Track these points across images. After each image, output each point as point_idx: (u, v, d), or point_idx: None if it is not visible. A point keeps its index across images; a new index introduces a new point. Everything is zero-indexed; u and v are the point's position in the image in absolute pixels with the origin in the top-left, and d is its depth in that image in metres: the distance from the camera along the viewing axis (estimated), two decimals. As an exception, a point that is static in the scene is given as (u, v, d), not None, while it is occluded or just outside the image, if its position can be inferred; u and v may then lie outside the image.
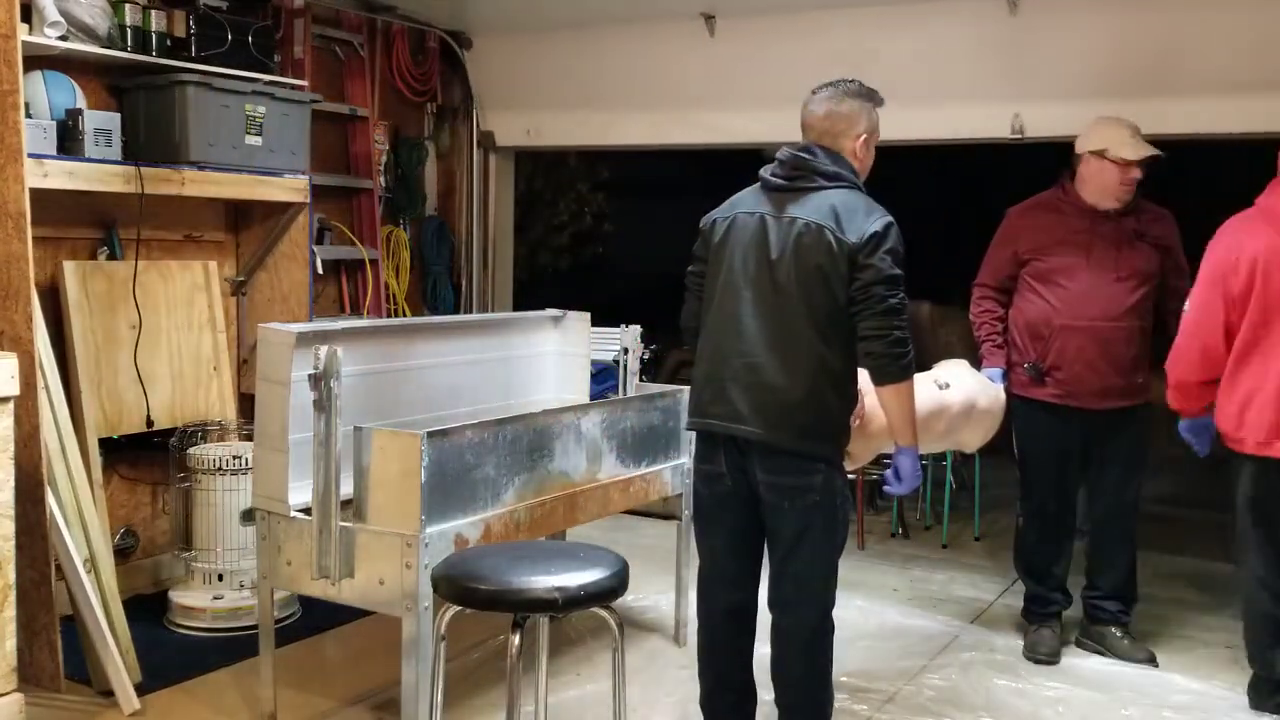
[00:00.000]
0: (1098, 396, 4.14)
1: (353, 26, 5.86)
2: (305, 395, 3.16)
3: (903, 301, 2.96)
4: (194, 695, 3.78)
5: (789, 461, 3.00)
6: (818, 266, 2.95)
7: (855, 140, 3.12)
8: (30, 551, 3.54)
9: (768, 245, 3.03)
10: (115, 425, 4.44)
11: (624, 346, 4.36)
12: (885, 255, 2.92)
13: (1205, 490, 7.50)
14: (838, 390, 3.02)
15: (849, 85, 3.14)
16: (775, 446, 3.00)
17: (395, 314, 6.09)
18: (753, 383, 3.02)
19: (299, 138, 4.78)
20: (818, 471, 3.00)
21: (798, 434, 2.99)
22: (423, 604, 3.06)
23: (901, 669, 4.15)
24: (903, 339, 2.95)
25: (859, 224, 2.94)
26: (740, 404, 3.03)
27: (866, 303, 2.93)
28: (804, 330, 2.98)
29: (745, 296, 3.05)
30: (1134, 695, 3.96)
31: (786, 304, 2.99)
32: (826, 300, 2.96)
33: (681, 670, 4.12)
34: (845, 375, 3.04)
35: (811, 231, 2.97)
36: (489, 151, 6.67)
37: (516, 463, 3.43)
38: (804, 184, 3.05)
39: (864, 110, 3.13)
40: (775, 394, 2.99)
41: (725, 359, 3.08)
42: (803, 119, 3.15)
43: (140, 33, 4.38)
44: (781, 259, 3.00)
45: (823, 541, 3.06)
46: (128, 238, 4.52)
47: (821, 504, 3.02)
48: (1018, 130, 5.11)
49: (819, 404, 2.99)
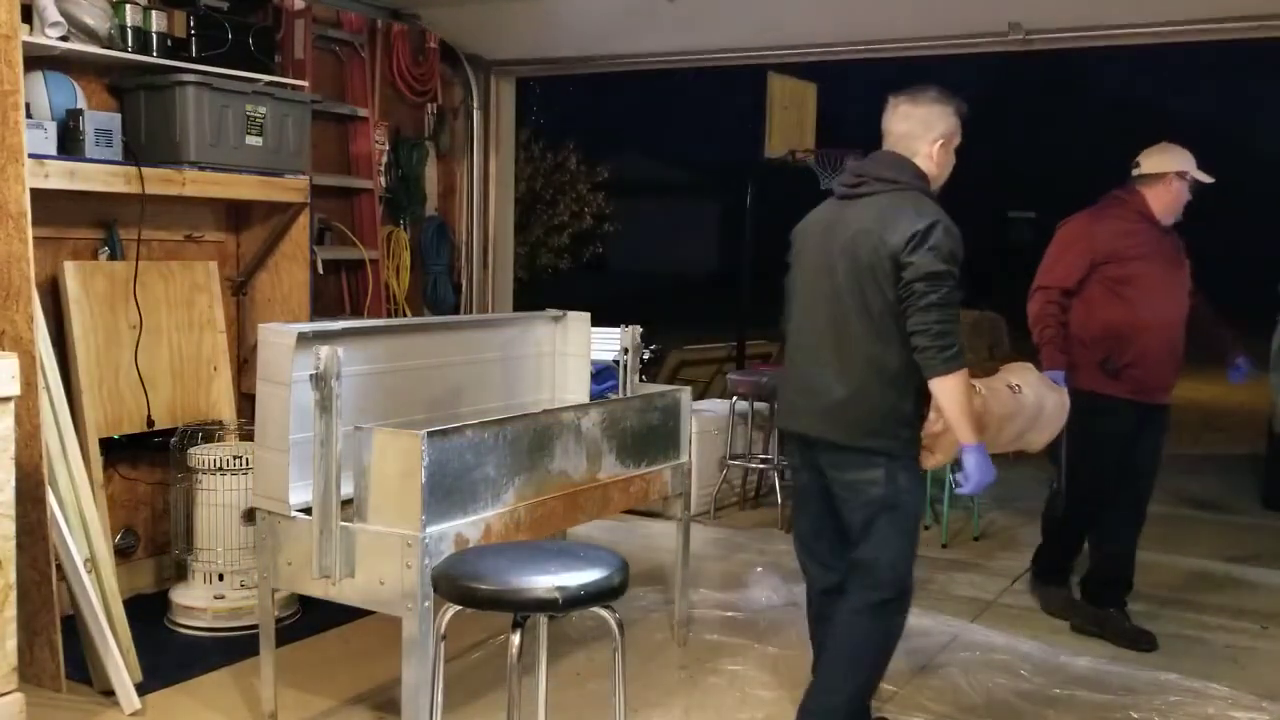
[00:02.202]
0: (1162, 392, 4.51)
1: (353, 27, 5.86)
2: (305, 395, 3.17)
3: (946, 297, 3.04)
4: (194, 695, 3.78)
5: (850, 457, 3.17)
6: (868, 268, 3.10)
7: (932, 145, 3.26)
8: (31, 551, 3.55)
9: (829, 252, 3.21)
10: (116, 425, 4.45)
11: (624, 346, 4.36)
12: (927, 252, 3.02)
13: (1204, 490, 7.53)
14: (896, 388, 3.14)
15: (927, 92, 3.29)
16: (835, 443, 3.19)
17: (395, 314, 6.09)
18: (815, 384, 3.22)
19: (299, 138, 4.78)
20: (878, 466, 3.14)
21: (855, 431, 3.15)
22: (423, 604, 3.06)
23: (901, 669, 4.15)
24: (944, 333, 3.03)
25: (902, 224, 3.07)
26: (805, 404, 3.27)
27: (910, 299, 3.05)
28: (859, 332, 3.13)
29: (812, 302, 3.27)
30: (1133, 695, 3.97)
31: (843, 307, 3.16)
32: (878, 301, 3.10)
33: (682, 670, 4.13)
34: (904, 374, 3.12)
35: (862, 235, 3.13)
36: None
37: (516, 463, 3.44)
38: (864, 190, 3.22)
39: (941, 115, 3.27)
40: (833, 394, 3.17)
41: (796, 362, 3.34)
42: (883, 125, 3.31)
43: (141, 33, 4.38)
44: (839, 264, 3.17)
45: (888, 531, 3.19)
46: (128, 238, 4.53)
47: (885, 496, 3.16)
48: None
49: (875, 402, 3.14)
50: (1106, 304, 4.44)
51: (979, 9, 5.18)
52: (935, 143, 3.25)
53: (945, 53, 5.92)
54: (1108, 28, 5.28)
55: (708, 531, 6.10)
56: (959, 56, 6.01)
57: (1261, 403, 8.13)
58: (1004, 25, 5.24)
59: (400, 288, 6.18)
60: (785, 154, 8.63)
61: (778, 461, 6.52)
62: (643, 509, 5.70)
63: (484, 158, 6.72)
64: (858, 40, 5.87)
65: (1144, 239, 4.45)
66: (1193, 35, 5.24)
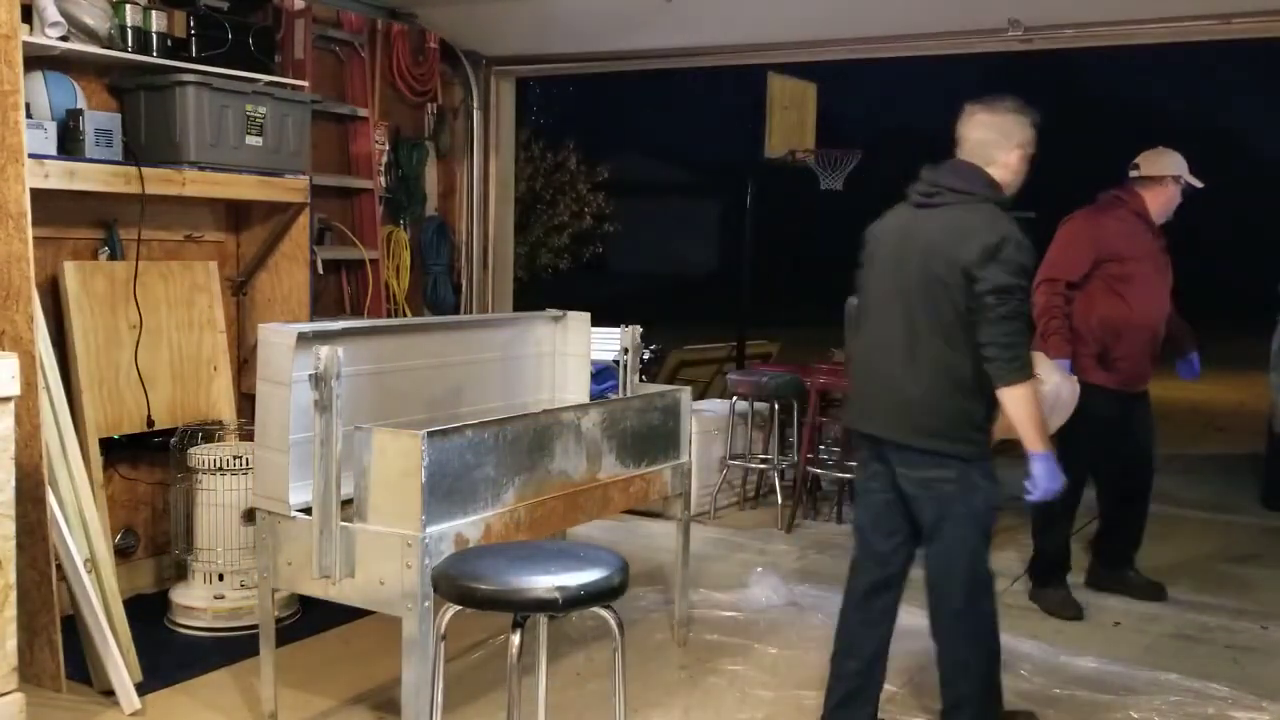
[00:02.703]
0: (1143, 382, 4.84)
1: (353, 27, 5.86)
2: (305, 395, 3.17)
3: (1015, 310, 3.15)
4: (194, 695, 3.78)
5: (920, 458, 3.27)
6: (941, 278, 3.19)
7: (1009, 154, 3.34)
8: (31, 551, 3.55)
9: (903, 259, 3.31)
10: (116, 425, 4.45)
11: (624, 346, 4.36)
12: (998, 267, 3.12)
13: (1204, 490, 7.53)
14: (967, 393, 3.24)
15: (1005, 102, 3.38)
16: (906, 445, 3.28)
17: (395, 314, 6.09)
18: (886, 387, 3.33)
19: (299, 138, 4.78)
20: (949, 466, 3.24)
21: (925, 433, 3.25)
22: (423, 604, 3.06)
23: (901, 668, 4.14)
24: (1012, 344, 3.15)
25: (975, 238, 3.16)
26: (876, 407, 3.38)
27: (980, 312, 3.15)
28: (931, 339, 3.23)
29: (883, 306, 3.36)
30: (1133, 695, 3.97)
31: (916, 314, 3.25)
32: (950, 310, 3.20)
33: (682, 670, 4.13)
34: (974, 379, 3.22)
35: (935, 246, 3.22)
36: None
37: (516, 463, 3.44)
38: (938, 200, 3.31)
39: (1019, 125, 3.35)
40: (904, 397, 3.28)
41: (867, 365, 3.44)
42: (958, 134, 3.40)
43: (141, 33, 4.38)
44: (913, 272, 3.26)
45: (961, 529, 3.28)
46: (128, 238, 4.53)
47: (957, 495, 3.25)
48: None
49: (947, 406, 3.24)
50: (1105, 300, 4.67)
51: (979, 5, 5.18)
52: (1013, 152, 3.34)
53: (945, 52, 5.93)
54: (1108, 25, 5.28)
55: (708, 531, 6.10)
56: (959, 56, 6.01)
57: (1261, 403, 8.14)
58: (1004, 21, 5.25)
59: (400, 288, 6.18)
60: (785, 154, 8.63)
61: (777, 461, 6.53)
62: (643, 509, 5.70)
63: (484, 158, 6.72)
64: (857, 38, 5.87)
65: (1141, 240, 4.73)
66: (1193, 35, 5.25)
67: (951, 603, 3.33)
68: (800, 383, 6.29)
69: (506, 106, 6.89)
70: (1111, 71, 35.33)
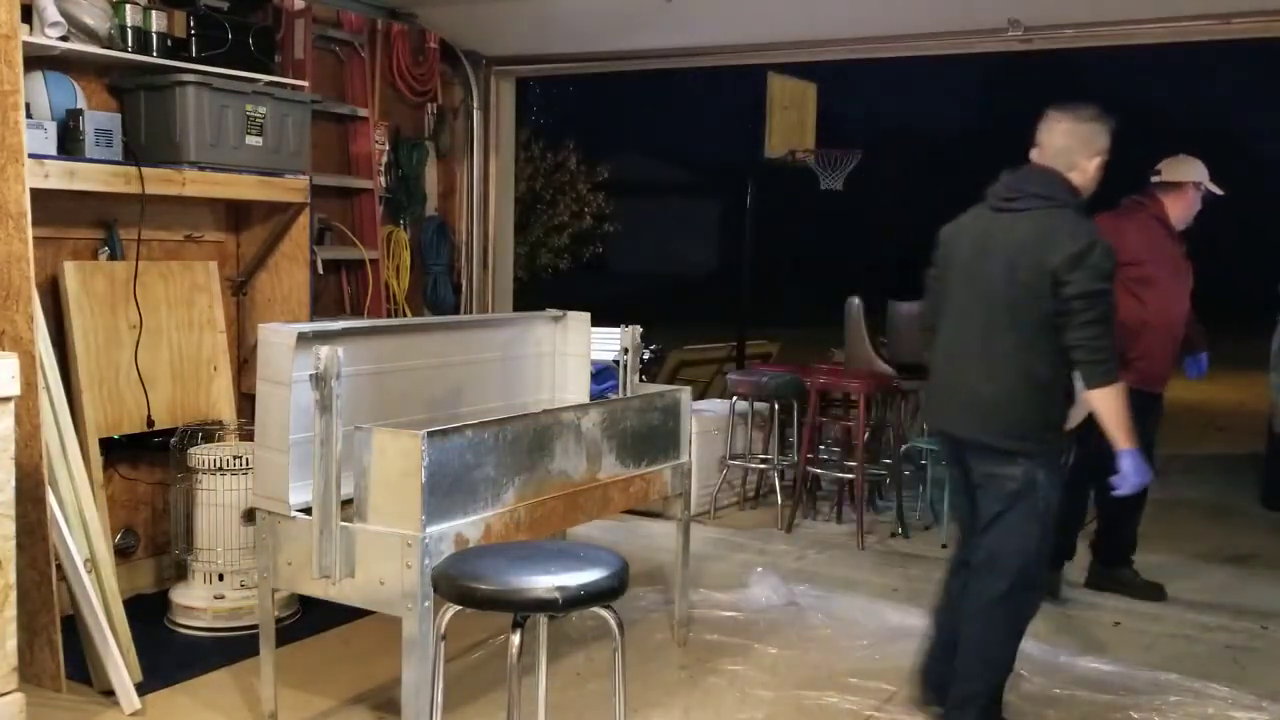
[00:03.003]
0: (1161, 383, 4.88)
1: (353, 27, 5.86)
2: (305, 395, 3.17)
3: (1103, 314, 3.25)
4: (194, 695, 3.78)
5: (991, 454, 3.40)
6: (1026, 282, 3.28)
7: (1090, 160, 3.44)
8: (31, 551, 3.55)
9: (984, 262, 3.40)
10: (116, 425, 4.45)
11: (624, 346, 4.36)
12: (1086, 272, 3.22)
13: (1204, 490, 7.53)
14: (1044, 395, 3.36)
15: (1088, 109, 3.47)
16: (979, 442, 3.42)
17: (395, 314, 6.09)
18: (963, 386, 3.46)
19: (299, 138, 4.78)
20: (1018, 464, 3.35)
21: (1002, 433, 3.37)
22: (423, 604, 3.06)
23: (901, 668, 4.15)
24: (1102, 347, 3.26)
25: (1062, 243, 3.25)
26: (953, 405, 3.52)
27: (1068, 316, 3.24)
28: (1009, 340, 3.34)
29: (962, 308, 3.47)
30: (1133, 695, 3.97)
31: (995, 316, 3.36)
32: (1031, 313, 3.29)
33: (682, 670, 4.13)
34: (1052, 381, 3.36)
35: (1020, 250, 3.31)
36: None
37: (516, 463, 3.44)
38: (1019, 205, 3.39)
39: (1100, 132, 3.46)
40: (980, 396, 3.40)
41: (946, 364, 3.55)
42: (1039, 140, 3.47)
43: (141, 33, 4.38)
44: (995, 276, 3.35)
45: (1018, 524, 3.39)
46: (128, 238, 4.53)
47: (1020, 492, 3.37)
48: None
49: (1024, 407, 3.35)
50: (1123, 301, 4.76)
51: (978, 5, 5.19)
52: (1093, 159, 3.44)
53: (945, 52, 5.93)
54: (1108, 24, 5.29)
55: (708, 531, 6.10)
56: (959, 56, 6.02)
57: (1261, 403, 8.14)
58: (1004, 21, 5.25)
59: (400, 288, 6.18)
60: (785, 154, 8.64)
61: (777, 461, 6.53)
62: (643, 509, 5.70)
63: (484, 158, 6.72)
64: (857, 38, 5.87)
65: (1161, 244, 4.81)
66: (1193, 35, 5.25)
67: (997, 587, 3.42)
68: (800, 383, 6.29)
69: (506, 106, 6.89)
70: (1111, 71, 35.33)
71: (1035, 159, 3.48)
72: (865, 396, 6.05)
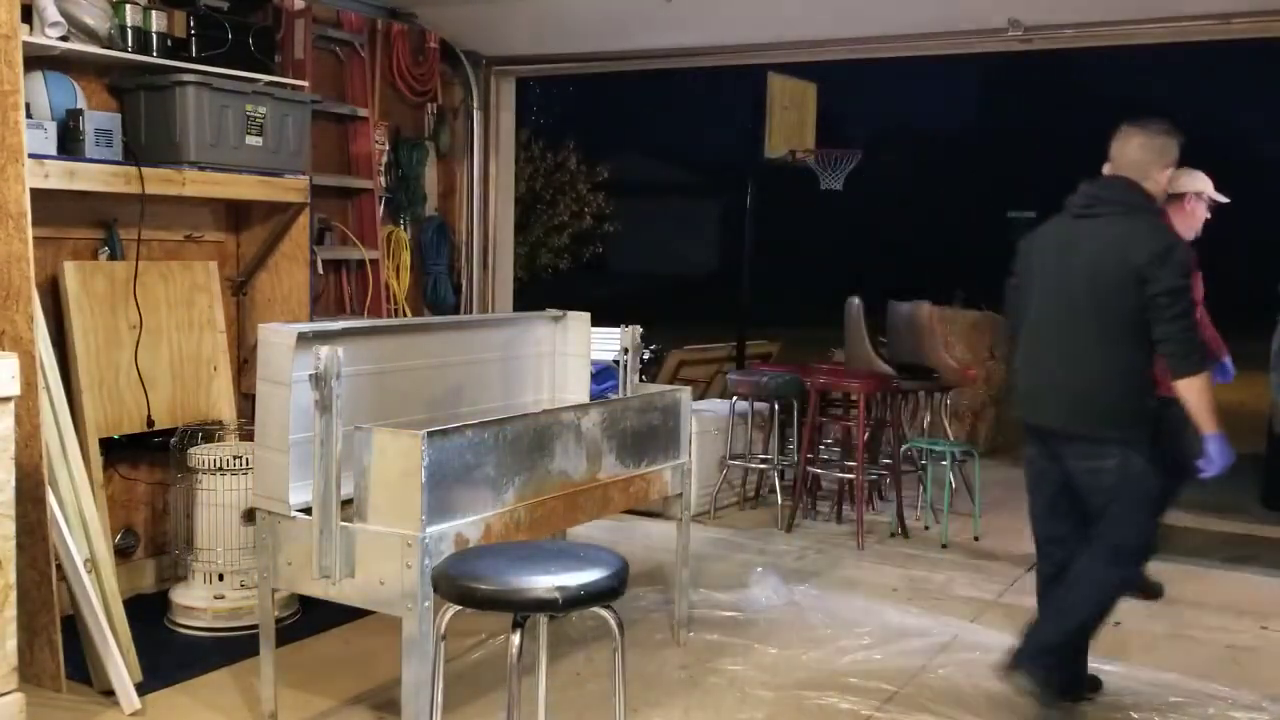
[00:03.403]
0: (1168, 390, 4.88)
1: (353, 26, 5.86)
2: (305, 395, 3.17)
3: (1187, 308, 3.48)
4: (194, 695, 3.78)
5: (1088, 446, 3.60)
6: (1112, 281, 3.51)
7: (1161, 172, 3.67)
8: (31, 551, 3.55)
9: (1069, 265, 3.63)
10: (115, 425, 4.45)
11: (624, 346, 4.36)
12: (1168, 270, 3.45)
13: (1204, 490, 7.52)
14: (1133, 386, 3.57)
15: (1160, 124, 3.69)
16: (1075, 435, 3.61)
17: (395, 314, 6.09)
18: (1055, 382, 3.66)
19: (299, 138, 4.78)
20: (1114, 455, 3.56)
21: (1097, 423, 3.58)
22: (423, 604, 3.06)
23: (901, 668, 4.15)
24: (1188, 340, 3.48)
25: (1145, 244, 3.49)
26: (1046, 401, 3.70)
27: (1155, 312, 3.47)
28: (1097, 336, 3.56)
29: (1049, 308, 3.68)
30: (1134, 695, 3.97)
31: (1083, 315, 3.58)
32: (1119, 310, 3.52)
33: (681, 670, 4.13)
34: (1140, 373, 3.57)
35: (1104, 252, 3.54)
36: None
37: (516, 463, 3.44)
38: (1100, 211, 3.63)
39: (1172, 145, 3.69)
40: (1073, 391, 3.61)
41: (1035, 362, 3.75)
42: (1112, 153, 3.71)
43: (141, 33, 4.38)
44: (1080, 276, 3.58)
45: (1123, 509, 3.59)
46: (128, 238, 4.53)
47: (1120, 480, 3.57)
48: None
49: (1112, 398, 3.57)
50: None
51: (978, 5, 5.19)
52: (1165, 170, 3.67)
53: (945, 52, 5.93)
54: (1108, 24, 5.29)
55: (708, 531, 6.10)
56: (959, 56, 6.02)
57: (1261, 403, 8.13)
58: (1004, 21, 5.25)
59: (400, 288, 6.18)
60: (785, 154, 8.64)
61: (777, 461, 6.53)
62: (643, 509, 5.70)
63: (484, 158, 6.73)
64: (857, 38, 5.88)
65: None
66: (1193, 35, 5.25)
67: (1110, 569, 3.62)
68: (800, 383, 6.29)
69: (506, 106, 6.89)
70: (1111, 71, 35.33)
71: (1108, 171, 3.71)
72: (865, 396, 6.05)
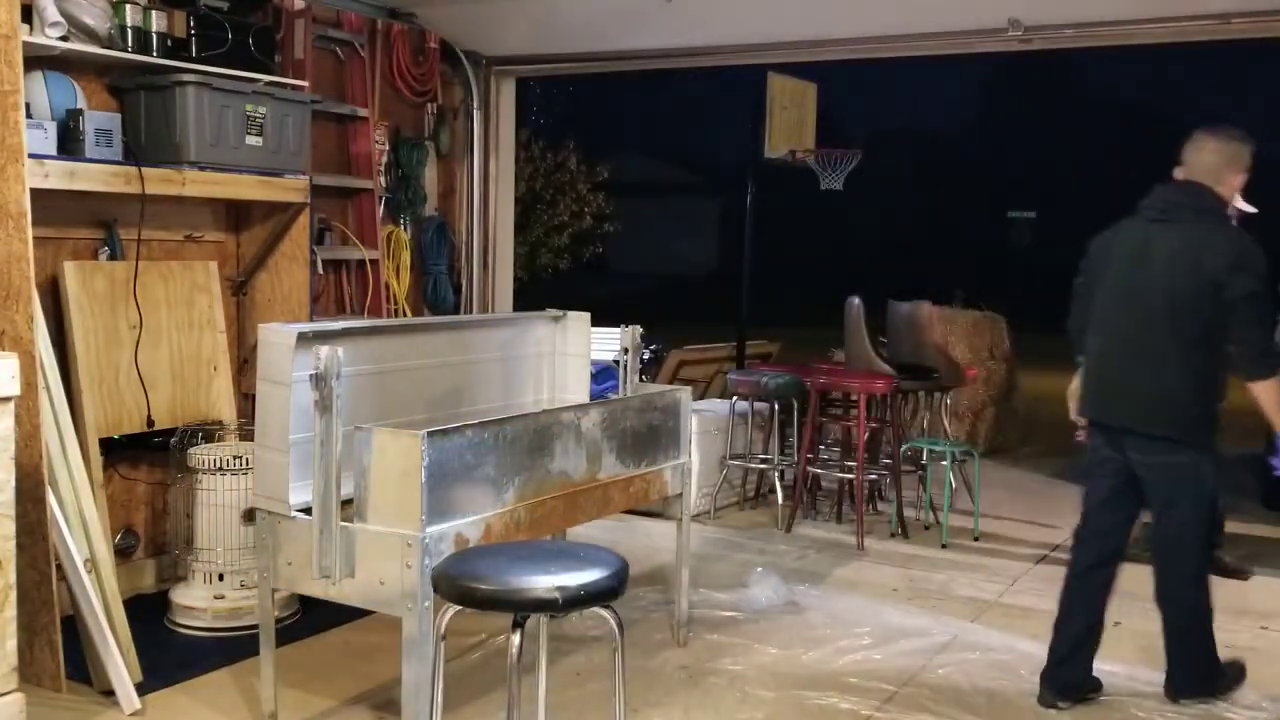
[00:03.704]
0: None
1: (353, 26, 5.86)
2: (305, 395, 3.17)
3: (1264, 312, 3.57)
4: (194, 695, 3.78)
5: (1160, 445, 3.68)
6: (1185, 288, 3.59)
7: (1235, 177, 3.76)
8: (31, 551, 3.55)
9: (1143, 268, 3.69)
10: (116, 425, 4.45)
11: (624, 346, 4.37)
12: (1244, 275, 3.53)
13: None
14: (1205, 390, 3.67)
15: (1233, 131, 3.77)
16: (1147, 434, 3.70)
17: (395, 314, 6.09)
18: (1128, 382, 3.74)
19: (299, 138, 4.78)
20: (1183, 454, 3.66)
21: (1166, 425, 3.66)
22: (423, 603, 3.06)
23: (901, 668, 4.15)
24: (1264, 344, 3.58)
25: (1220, 249, 3.57)
26: (1119, 402, 3.78)
27: (1231, 315, 3.56)
28: (1170, 339, 3.63)
29: (1122, 312, 3.76)
30: (1135, 695, 3.97)
31: (1156, 318, 3.65)
32: (1194, 315, 3.59)
33: (681, 670, 4.13)
34: (1211, 377, 3.67)
35: (1180, 257, 3.61)
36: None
37: (516, 463, 3.44)
38: (1175, 216, 3.69)
39: (1244, 152, 3.76)
40: (1146, 392, 3.69)
41: (1108, 363, 3.82)
42: (1186, 159, 3.78)
43: (141, 33, 4.38)
44: (1155, 280, 3.65)
45: (1187, 509, 3.72)
46: (128, 238, 4.53)
47: (1188, 477, 3.68)
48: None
49: (1186, 400, 3.65)
50: None
51: (979, 5, 5.19)
52: (1238, 175, 3.75)
53: (945, 52, 5.93)
54: (1108, 24, 5.29)
55: (708, 531, 6.10)
56: (959, 56, 6.01)
57: (1261, 403, 8.12)
58: (1004, 21, 5.25)
59: (400, 288, 6.18)
60: (785, 154, 8.63)
61: (777, 461, 6.53)
62: (643, 509, 5.70)
63: (484, 158, 6.72)
64: (857, 38, 5.87)
65: None
66: (1193, 35, 5.25)
67: (1187, 561, 3.77)
68: (800, 383, 6.29)
69: (506, 106, 6.89)
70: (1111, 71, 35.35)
71: (1180, 175, 3.79)
72: (865, 396, 6.05)
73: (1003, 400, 8.84)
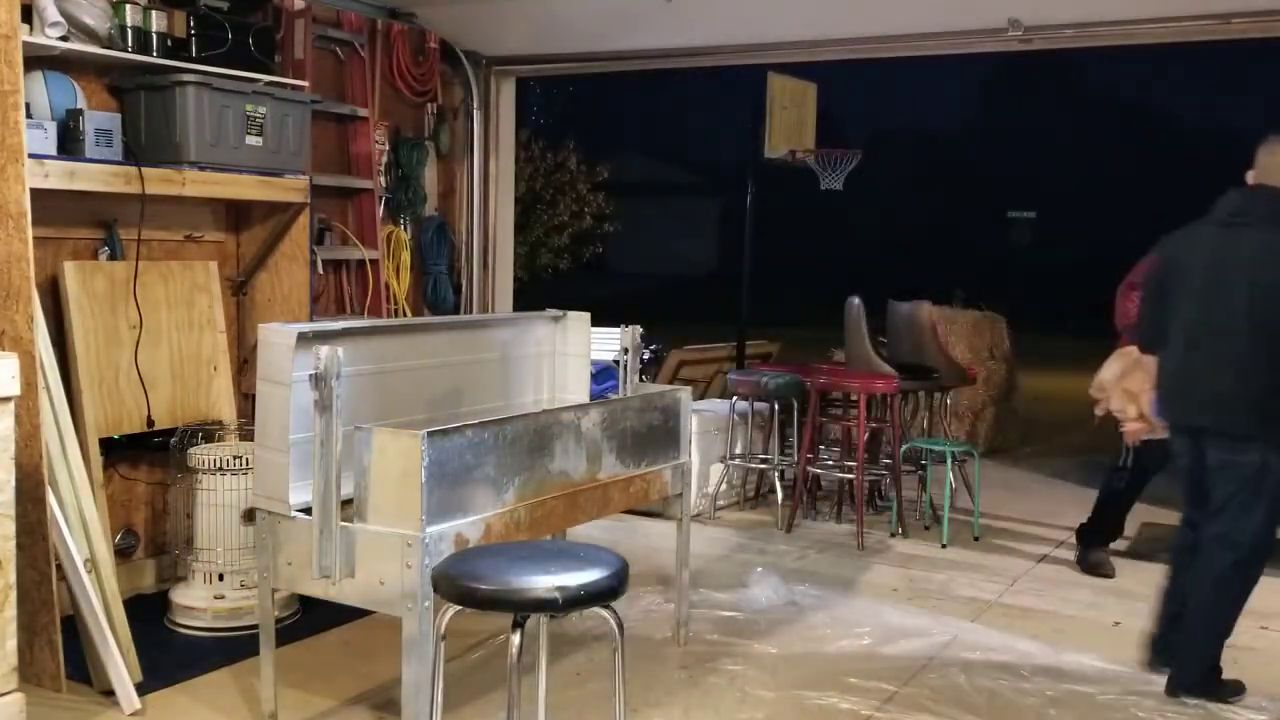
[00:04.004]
0: None
1: (353, 26, 5.86)
2: (305, 395, 3.17)
3: None
4: (194, 695, 3.78)
5: (1232, 441, 3.79)
6: (1260, 290, 3.69)
7: None
8: (31, 551, 3.55)
9: (1220, 272, 3.79)
10: (116, 425, 4.45)
11: (624, 346, 4.37)
12: None
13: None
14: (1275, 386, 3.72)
15: None
16: (1221, 431, 3.81)
17: (395, 314, 6.09)
18: (1204, 383, 3.83)
19: (299, 138, 4.78)
20: (1254, 449, 3.75)
21: (1239, 421, 3.76)
22: (423, 604, 3.06)
23: (901, 668, 4.15)
24: None
25: None
26: (1195, 400, 3.88)
27: None
28: (1246, 339, 3.72)
29: (1199, 315, 3.84)
30: (1134, 695, 3.97)
31: (1233, 321, 3.75)
32: (1268, 315, 3.69)
33: (682, 670, 4.13)
34: None
35: (1259, 260, 3.72)
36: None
37: (516, 463, 3.44)
38: (1249, 220, 3.78)
39: None
40: (1220, 390, 3.78)
41: (1185, 365, 3.89)
42: (1259, 162, 3.90)
43: (141, 33, 4.38)
44: (1233, 283, 3.75)
45: (1252, 503, 3.80)
46: (128, 238, 4.53)
47: (1256, 475, 3.77)
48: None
49: (1259, 399, 3.73)
50: None
51: (979, 5, 5.19)
52: None
53: (945, 52, 5.93)
54: (1108, 24, 5.29)
55: (708, 531, 6.10)
56: (959, 56, 6.01)
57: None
58: (1004, 21, 5.25)
59: (400, 288, 6.18)
60: (785, 154, 8.63)
61: (777, 461, 6.53)
62: (643, 509, 5.70)
63: (484, 158, 6.72)
64: (857, 38, 5.88)
65: None
66: (1193, 35, 5.25)
67: (1232, 559, 3.84)
68: (800, 383, 6.29)
69: (506, 106, 6.89)
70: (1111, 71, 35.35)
71: (1252, 180, 3.89)
72: (865, 396, 6.05)
73: (1003, 400, 8.84)
